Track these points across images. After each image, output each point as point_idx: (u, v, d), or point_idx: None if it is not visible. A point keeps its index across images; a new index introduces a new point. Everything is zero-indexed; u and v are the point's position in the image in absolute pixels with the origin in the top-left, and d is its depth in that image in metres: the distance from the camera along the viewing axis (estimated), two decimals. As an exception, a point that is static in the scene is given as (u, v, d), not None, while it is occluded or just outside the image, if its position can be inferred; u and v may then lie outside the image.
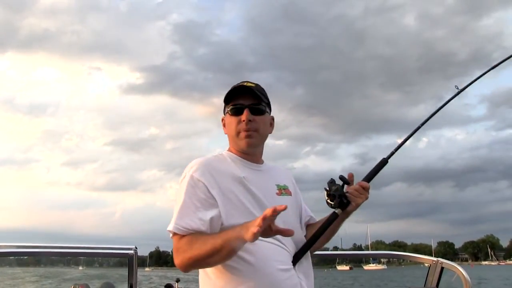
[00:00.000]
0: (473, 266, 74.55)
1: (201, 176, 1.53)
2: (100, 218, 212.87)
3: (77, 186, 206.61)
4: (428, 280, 2.46)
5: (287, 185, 1.72)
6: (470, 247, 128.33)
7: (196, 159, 1.60)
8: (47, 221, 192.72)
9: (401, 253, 3.05)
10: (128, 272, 2.71)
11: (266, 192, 1.61)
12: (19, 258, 7.26)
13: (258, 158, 1.71)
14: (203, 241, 1.43)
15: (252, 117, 1.63)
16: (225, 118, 1.69)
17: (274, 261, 1.50)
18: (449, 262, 2.45)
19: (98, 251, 2.93)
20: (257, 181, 1.61)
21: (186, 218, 1.48)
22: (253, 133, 1.63)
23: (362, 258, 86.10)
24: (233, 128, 1.64)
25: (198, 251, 1.42)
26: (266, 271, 1.49)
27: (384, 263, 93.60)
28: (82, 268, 27.76)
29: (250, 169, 1.64)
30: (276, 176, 1.73)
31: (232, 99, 1.66)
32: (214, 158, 1.65)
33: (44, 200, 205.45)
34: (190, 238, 1.46)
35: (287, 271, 1.52)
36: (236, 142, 1.65)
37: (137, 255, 2.72)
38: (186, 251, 1.44)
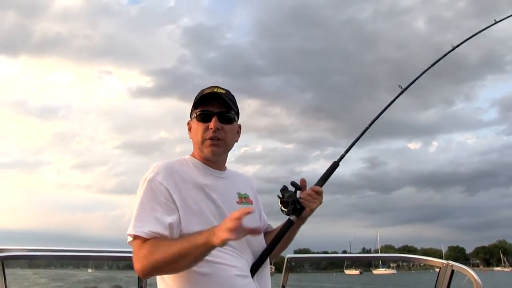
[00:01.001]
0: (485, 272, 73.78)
1: (163, 180, 1.50)
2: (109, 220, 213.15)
3: (87, 188, 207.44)
4: (438, 283, 2.43)
5: (248, 193, 1.70)
6: (482, 252, 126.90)
7: (158, 162, 1.56)
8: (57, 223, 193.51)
9: (411, 255, 3.03)
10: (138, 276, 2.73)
11: (227, 200, 1.59)
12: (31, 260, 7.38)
13: (221, 165, 1.68)
14: (168, 246, 1.38)
15: (220, 125, 1.60)
16: (192, 123, 1.66)
17: (232, 267, 1.48)
18: (459, 265, 2.41)
19: (109, 254, 2.95)
20: (219, 189, 1.59)
21: (147, 221, 1.44)
22: (219, 142, 1.61)
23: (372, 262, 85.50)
24: (199, 134, 1.61)
25: (163, 256, 1.37)
26: (225, 277, 1.47)
27: (393, 268, 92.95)
28: (91, 271, 27.83)
29: (212, 176, 1.62)
30: (237, 184, 1.71)
31: (200, 104, 1.62)
32: (176, 162, 1.62)
33: (53, 203, 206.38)
34: (154, 242, 1.41)
35: (245, 278, 1.51)
36: (201, 149, 1.62)
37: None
38: (148, 256, 1.38)
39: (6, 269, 2.51)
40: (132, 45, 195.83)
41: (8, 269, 2.52)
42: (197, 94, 1.66)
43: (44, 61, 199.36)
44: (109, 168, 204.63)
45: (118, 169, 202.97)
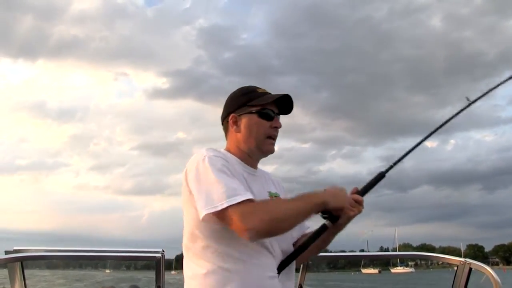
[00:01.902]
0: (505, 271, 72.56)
1: (220, 159, 1.51)
2: (127, 221, 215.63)
3: (105, 190, 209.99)
4: (456, 282, 2.40)
5: (278, 193, 1.71)
6: (501, 251, 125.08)
7: (203, 149, 1.57)
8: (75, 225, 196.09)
9: (428, 253, 2.97)
10: (156, 275, 2.74)
11: (260, 197, 1.57)
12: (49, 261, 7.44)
13: (255, 164, 1.70)
14: (280, 203, 1.47)
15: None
16: (246, 119, 1.66)
17: (262, 267, 1.49)
18: (477, 262, 2.37)
19: (127, 255, 2.98)
20: (253, 185, 1.59)
21: (240, 187, 1.44)
22: (275, 142, 1.68)
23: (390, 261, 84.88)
24: (262, 131, 1.64)
25: (283, 211, 1.42)
26: (254, 276, 1.47)
27: (411, 266, 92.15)
28: (109, 271, 28.09)
29: (247, 172, 1.63)
30: (268, 183, 1.73)
31: (257, 102, 1.65)
32: (220, 152, 1.62)
33: (72, 204, 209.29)
34: (259, 202, 1.45)
35: (272, 279, 1.51)
36: (258, 144, 1.65)
37: (164, 258, 2.75)
38: (265, 212, 1.39)
39: (26, 270, 2.55)
40: (148, 46, 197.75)
41: (27, 269, 2.56)
42: (245, 91, 1.70)
43: (62, 64, 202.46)
44: (127, 169, 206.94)
45: (136, 170, 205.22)
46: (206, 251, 1.50)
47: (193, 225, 1.53)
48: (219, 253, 1.48)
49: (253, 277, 1.47)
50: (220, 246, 1.49)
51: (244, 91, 1.71)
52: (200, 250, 1.52)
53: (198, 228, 1.51)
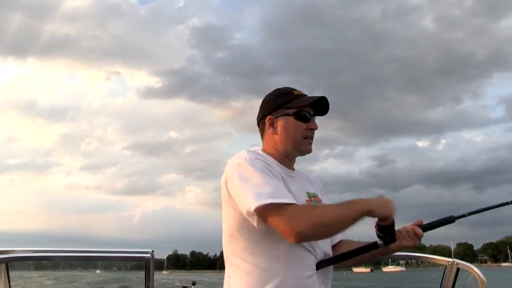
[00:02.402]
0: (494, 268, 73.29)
1: (261, 161, 1.54)
2: (119, 221, 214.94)
3: (96, 190, 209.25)
4: (444, 281, 2.42)
5: (316, 193, 1.73)
6: (489, 249, 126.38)
7: (244, 150, 1.60)
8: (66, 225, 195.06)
9: (417, 254, 3.00)
10: (145, 275, 2.72)
11: (298, 197, 1.59)
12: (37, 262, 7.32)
13: (292, 165, 1.73)
14: (330, 208, 1.47)
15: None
16: (282, 121, 1.68)
17: (302, 266, 1.51)
18: (465, 263, 2.40)
19: (116, 255, 2.95)
20: (292, 186, 1.61)
21: (283, 189, 1.47)
22: (312, 142, 1.71)
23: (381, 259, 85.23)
24: (299, 132, 1.66)
25: (329, 216, 1.43)
26: (294, 275, 1.49)
27: (402, 265, 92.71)
28: (99, 272, 27.83)
29: (284, 173, 1.65)
30: (306, 183, 1.74)
31: (294, 103, 1.67)
32: (259, 153, 1.65)
33: (63, 204, 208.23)
34: (303, 205, 1.49)
35: (311, 277, 1.53)
36: (295, 145, 1.67)
37: (153, 258, 2.74)
38: (313, 217, 1.41)
39: (11, 271, 2.51)
40: (141, 45, 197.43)
41: (13, 271, 2.52)
42: (281, 92, 1.72)
43: (53, 62, 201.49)
44: (119, 169, 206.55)
45: (128, 170, 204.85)
46: (244, 251, 1.53)
47: (232, 227, 1.56)
48: (257, 253, 1.51)
49: (292, 276, 1.49)
50: (259, 247, 1.51)
51: (280, 92, 1.73)
52: (238, 251, 1.55)
53: (236, 229, 1.55)
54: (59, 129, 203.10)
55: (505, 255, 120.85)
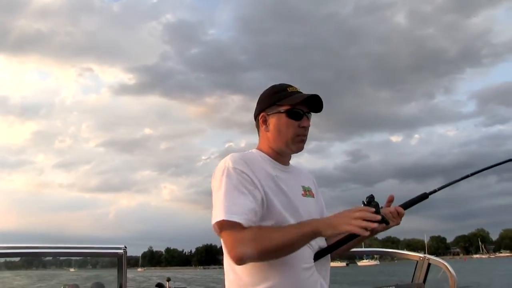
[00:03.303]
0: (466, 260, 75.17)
1: (244, 168, 1.53)
2: (93, 219, 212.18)
3: (70, 187, 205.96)
4: (416, 276, 2.48)
5: (310, 187, 1.74)
6: (462, 241, 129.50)
7: (232, 154, 1.60)
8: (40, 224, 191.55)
9: (389, 250, 3.07)
10: (118, 272, 2.69)
11: (293, 192, 1.62)
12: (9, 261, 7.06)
13: (287, 161, 1.73)
14: (272, 234, 1.43)
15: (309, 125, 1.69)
16: (274, 118, 1.68)
17: (300, 259, 1.52)
18: (435, 258, 2.47)
19: (87, 251, 2.91)
20: (286, 181, 1.63)
21: (241, 208, 1.46)
22: (305, 139, 1.69)
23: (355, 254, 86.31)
24: (291, 131, 1.65)
25: (270, 244, 1.41)
26: (291, 269, 1.50)
27: (377, 259, 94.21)
28: (73, 270, 27.25)
29: (279, 169, 1.65)
30: (301, 177, 1.75)
31: (286, 101, 1.66)
32: (248, 154, 1.66)
33: (36, 203, 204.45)
34: (255, 230, 1.44)
35: (309, 270, 1.55)
36: (287, 143, 1.66)
37: (126, 254, 2.70)
38: (252, 242, 1.41)
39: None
40: (114, 42, 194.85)
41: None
42: (276, 90, 1.71)
43: (24, 59, 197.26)
44: (93, 166, 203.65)
45: (102, 167, 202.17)
46: None
47: None
48: None
49: (290, 269, 1.50)
50: None
51: (274, 90, 1.72)
52: None
53: None
54: (31, 126, 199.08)
55: (476, 247, 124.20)
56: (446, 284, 2.34)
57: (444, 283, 2.35)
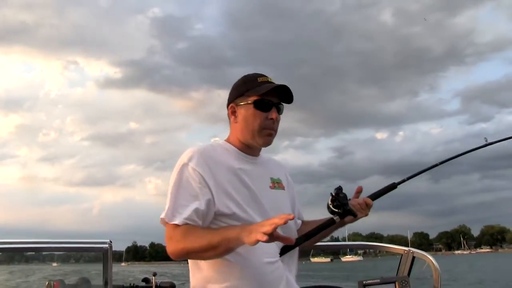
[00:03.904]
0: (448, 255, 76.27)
1: (197, 166, 1.51)
2: (77, 213, 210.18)
3: (54, 181, 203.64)
4: (400, 269, 2.51)
5: (281, 178, 1.72)
6: (444, 237, 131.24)
7: (191, 148, 1.57)
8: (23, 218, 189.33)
9: (374, 243, 3.10)
10: (103, 266, 2.67)
11: (260, 184, 1.60)
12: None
13: (256, 152, 1.69)
14: (200, 235, 1.43)
15: (279, 117, 1.65)
16: (242, 109, 1.64)
17: (263, 253, 1.50)
18: (420, 251, 2.50)
19: (73, 246, 2.89)
20: (252, 173, 1.60)
21: (181, 207, 1.47)
22: (273, 132, 1.65)
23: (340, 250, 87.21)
24: (258, 122, 1.61)
25: (194, 244, 1.42)
26: (253, 264, 1.50)
27: (360, 255, 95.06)
28: (56, 265, 26.85)
29: (245, 160, 1.63)
30: (271, 169, 1.72)
31: (256, 91, 1.62)
32: (209, 147, 1.63)
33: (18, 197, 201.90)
34: (186, 229, 1.45)
35: (273, 264, 1.54)
36: (255, 136, 1.62)
37: (112, 249, 2.69)
38: (180, 241, 1.44)
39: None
40: (100, 35, 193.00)
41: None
42: (246, 79, 1.68)
43: (8, 50, 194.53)
44: (78, 160, 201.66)
45: (87, 161, 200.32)
46: None
47: None
48: None
49: (252, 264, 1.50)
50: None
51: (244, 80, 1.69)
52: None
53: None
54: (15, 119, 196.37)
55: (458, 243, 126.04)
56: (430, 277, 2.38)
57: (428, 276, 2.38)
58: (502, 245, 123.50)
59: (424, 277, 2.49)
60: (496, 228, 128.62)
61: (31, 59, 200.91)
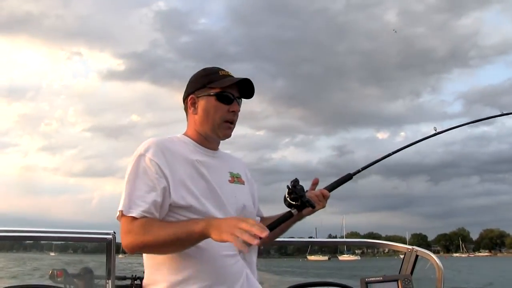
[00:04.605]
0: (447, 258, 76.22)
1: (154, 156, 1.49)
2: (76, 204, 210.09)
3: (54, 171, 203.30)
4: (403, 268, 2.50)
5: (240, 173, 1.71)
6: (443, 240, 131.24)
7: (149, 139, 1.56)
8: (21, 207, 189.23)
9: (377, 241, 3.10)
10: (106, 257, 2.68)
11: (218, 177, 1.59)
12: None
13: (215, 145, 1.69)
14: (160, 229, 1.40)
15: (239, 110, 1.65)
16: (203, 101, 1.63)
17: (221, 246, 1.45)
18: (423, 250, 2.50)
19: (77, 236, 2.88)
20: (210, 166, 1.59)
21: (139, 199, 1.45)
22: (233, 126, 1.65)
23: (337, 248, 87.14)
24: (219, 115, 1.61)
25: (154, 238, 1.39)
26: (212, 256, 1.48)
27: (358, 254, 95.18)
28: (53, 254, 26.68)
29: (203, 154, 1.62)
30: (230, 164, 1.72)
31: (217, 84, 1.62)
32: (167, 139, 1.62)
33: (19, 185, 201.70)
34: (145, 222, 1.42)
35: (233, 257, 1.52)
36: (215, 129, 1.62)
37: (115, 240, 2.69)
38: (139, 235, 1.41)
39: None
40: (104, 27, 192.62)
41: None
42: (207, 72, 1.67)
43: (13, 39, 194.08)
44: (79, 151, 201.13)
45: (88, 152, 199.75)
46: None
47: None
48: None
49: (211, 256, 1.47)
50: None
51: (206, 72, 1.68)
52: None
53: None
54: (18, 108, 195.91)
55: (456, 246, 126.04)
56: (433, 276, 2.38)
57: (431, 275, 2.38)
58: (501, 250, 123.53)
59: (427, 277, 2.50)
60: (495, 232, 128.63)
61: (36, 49, 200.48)
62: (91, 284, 3.05)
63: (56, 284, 2.97)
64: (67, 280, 3.03)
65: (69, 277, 3.07)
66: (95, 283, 3.07)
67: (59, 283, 2.98)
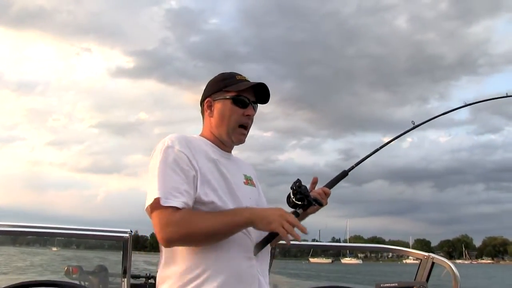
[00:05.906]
0: (452, 264, 75.55)
1: (183, 148, 1.50)
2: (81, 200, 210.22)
3: (61, 166, 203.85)
4: (419, 275, 2.51)
5: (251, 176, 1.73)
6: (446, 246, 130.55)
7: (172, 134, 1.56)
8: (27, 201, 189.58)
9: (394, 247, 3.09)
10: (122, 255, 2.71)
11: (235, 178, 1.60)
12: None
13: (229, 149, 1.71)
14: (205, 219, 1.41)
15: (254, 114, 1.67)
16: (219, 104, 1.65)
17: (240, 246, 1.48)
18: (440, 257, 2.50)
19: (93, 233, 2.92)
20: (228, 166, 1.61)
21: (175, 190, 1.43)
22: (247, 131, 1.68)
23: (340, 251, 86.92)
24: (235, 118, 1.63)
25: (200, 229, 1.40)
26: (232, 258, 1.47)
27: (360, 258, 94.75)
28: (56, 249, 26.58)
29: (220, 155, 1.63)
30: (242, 166, 1.74)
31: (233, 88, 1.64)
32: (190, 136, 1.63)
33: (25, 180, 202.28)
34: (187, 212, 1.42)
35: (250, 260, 1.51)
36: (229, 132, 1.64)
37: (132, 238, 2.72)
38: (182, 227, 1.39)
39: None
40: (115, 24, 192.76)
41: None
42: (224, 76, 1.70)
43: (23, 34, 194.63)
44: (86, 147, 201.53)
45: (95, 148, 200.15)
46: None
47: None
48: None
49: (225, 258, 1.46)
50: None
51: (223, 76, 1.70)
52: None
53: None
54: (27, 102, 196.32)
55: (459, 252, 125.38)
56: (449, 284, 2.38)
57: (447, 283, 2.38)
58: (504, 257, 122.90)
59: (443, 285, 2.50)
60: (498, 240, 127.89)
61: (46, 44, 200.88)
62: (106, 282, 3.09)
63: (72, 280, 3.00)
64: (82, 276, 3.08)
65: (84, 274, 3.11)
66: (110, 281, 3.10)
67: (74, 280, 3.01)
